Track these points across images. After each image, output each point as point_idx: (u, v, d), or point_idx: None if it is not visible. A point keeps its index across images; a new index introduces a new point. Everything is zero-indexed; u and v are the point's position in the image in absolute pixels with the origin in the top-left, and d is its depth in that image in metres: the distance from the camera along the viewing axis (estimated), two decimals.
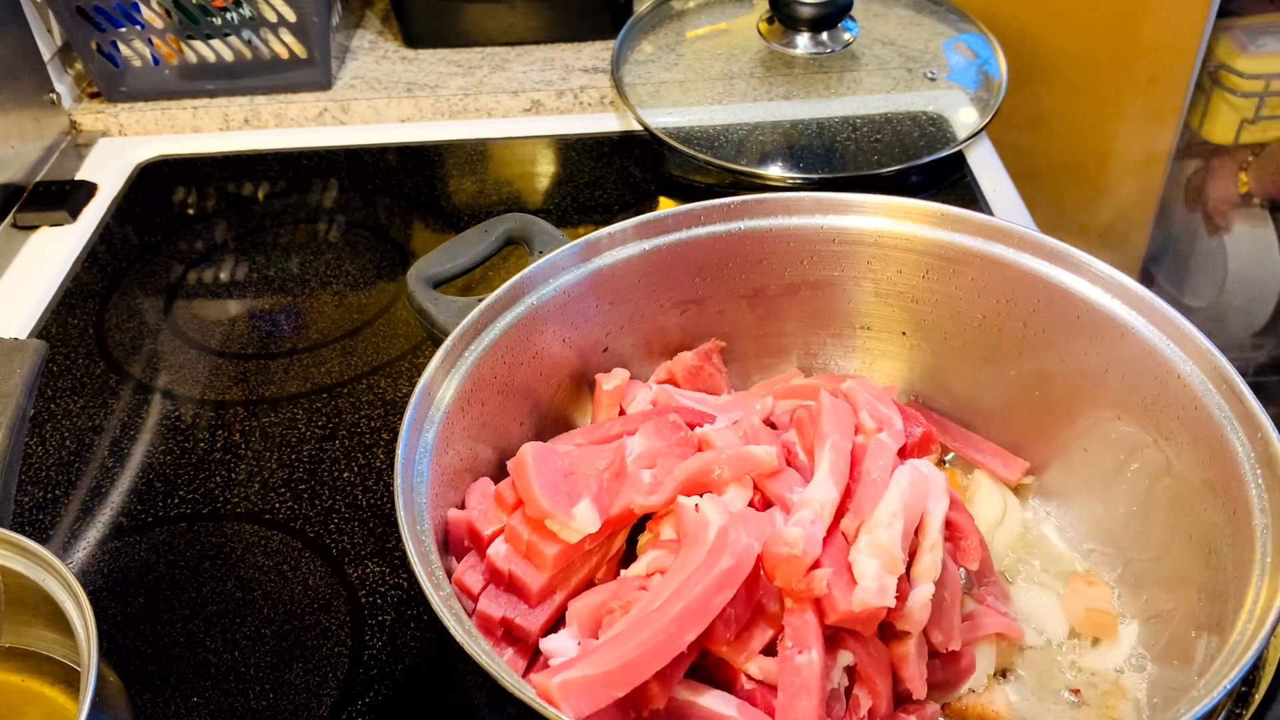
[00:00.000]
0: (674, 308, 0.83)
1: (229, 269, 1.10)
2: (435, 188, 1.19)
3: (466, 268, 0.85)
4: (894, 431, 0.68)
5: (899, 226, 0.80)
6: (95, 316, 1.04)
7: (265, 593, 0.80)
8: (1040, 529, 0.79)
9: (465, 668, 0.73)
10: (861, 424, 0.69)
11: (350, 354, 0.99)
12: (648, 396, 0.79)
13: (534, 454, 0.68)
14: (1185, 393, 0.69)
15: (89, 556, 0.83)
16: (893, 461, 0.66)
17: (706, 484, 0.68)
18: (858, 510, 0.64)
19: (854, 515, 0.64)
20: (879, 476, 0.65)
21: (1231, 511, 0.64)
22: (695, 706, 0.62)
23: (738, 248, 0.81)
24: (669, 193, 1.16)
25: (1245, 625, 0.58)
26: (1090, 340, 0.74)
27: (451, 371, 0.72)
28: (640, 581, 0.65)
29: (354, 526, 0.84)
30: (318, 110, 1.26)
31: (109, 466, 0.89)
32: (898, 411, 0.70)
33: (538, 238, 0.84)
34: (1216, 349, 0.68)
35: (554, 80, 1.27)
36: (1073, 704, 0.69)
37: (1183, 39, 1.44)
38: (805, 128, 1.18)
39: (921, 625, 0.64)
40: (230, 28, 1.23)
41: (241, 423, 0.93)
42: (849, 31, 1.26)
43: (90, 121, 1.26)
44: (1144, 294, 0.72)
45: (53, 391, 0.96)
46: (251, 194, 1.20)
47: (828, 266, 0.82)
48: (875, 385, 0.73)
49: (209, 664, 0.76)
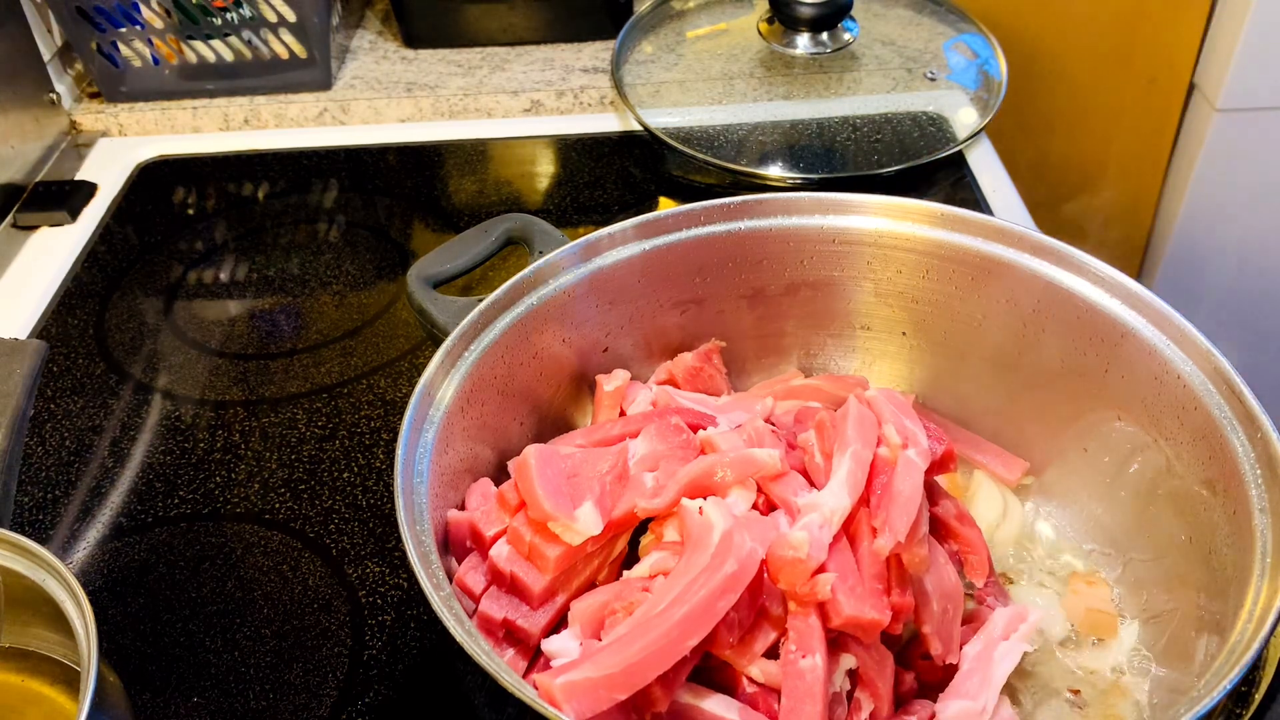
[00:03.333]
0: (674, 308, 0.83)
1: (229, 269, 1.10)
2: (435, 188, 1.19)
3: (466, 268, 0.85)
4: (921, 450, 0.67)
5: (899, 226, 0.80)
6: (95, 316, 1.04)
7: (265, 593, 0.80)
8: (1040, 529, 0.79)
9: (465, 668, 0.72)
10: (885, 436, 0.68)
11: (350, 354, 0.99)
12: (648, 397, 0.79)
13: (537, 456, 0.68)
14: (1185, 393, 0.69)
15: (89, 556, 0.83)
16: (921, 482, 0.65)
17: (710, 487, 0.67)
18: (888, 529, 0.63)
19: (886, 535, 0.63)
20: (911, 496, 0.64)
21: (1231, 511, 0.64)
22: (698, 710, 0.62)
23: (738, 248, 0.81)
24: (669, 193, 1.16)
25: (1245, 625, 0.58)
26: (1090, 340, 0.74)
27: (451, 371, 0.72)
28: (643, 583, 0.65)
29: (354, 526, 0.84)
30: (318, 110, 1.26)
31: (109, 466, 0.89)
32: (923, 428, 0.69)
33: (538, 238, 0.84)
34: (1216, 349, 0.68)
35: (554, 80, 1.27)
36: (1073, 704, 0.69)
37: (1182, 39, 1.44)
38: (805, 128, 1.18)
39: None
40: (230, 28, 1.23)
41: (241, 423, 0.93)
42: (849, 31, 1.26)
43: (90, 121, 1.26)
44: (1144, 294, 0.72)
45: (53, 391, 0.96)
46: (251, 194, 1.20)
47: (828, 266, 0.82)
48: (899, 396, 0.71)
49: (209, 664, 0.76)
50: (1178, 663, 0.67)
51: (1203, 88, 1.46)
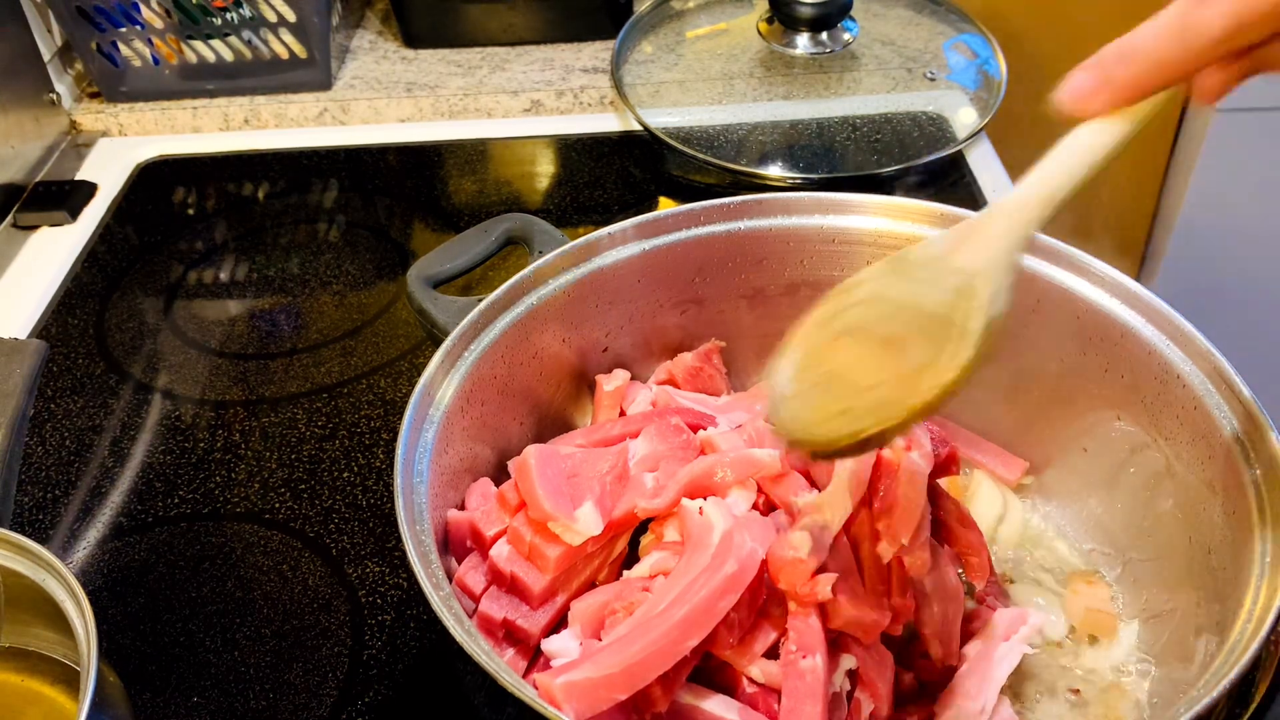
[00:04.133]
0: (674, 308, 0.83)
1: (229, 269, 1.10)
2: (435, 188, 1.19)
3: (466, 268, 0.85)
4: (924, 453, 0.67)
5: (899, 226, 0.80)
6: (95, 316, 1.04)
7: (265, 593, 0.80)
8: (1040, 529, 0.79)
9: (465, 668, 0.72)
10: None
11: (350, 354, 0.99)
12: (648, 398, 0.79)
13: (537, 456, 0.68)
14: (1185, 393, 0.68)
15: (89, 556, 0.83)
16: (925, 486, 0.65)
17: (710, 487, 0.67)
18: (892, 534, 0.63)
19: (889, 540, 0.63)
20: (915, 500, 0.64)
21: (1231, 511, 0.64)
22: (698, 710, 0.62)
23: (738, 248, 0.81)
24: (669, 193, 1.16)
25: (1245, 625, 0.58)
26: (1090, 340, 0.74)
27: (451, 371, 0.72)
28: (643, 583, 0.65)
29: (354, 526, 0.84)
30: (318, 110, 1.26)
31: (109, 466, 0.89)
32: (926, 431, 0.69)
33: (538, 238, 0.84)
34: (1216, 349, 0.68)
35: (554, 80, 1.27)
36: (1073, 704, 0.69)
37: None
38: (805, 128, 1.18)
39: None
40: (230, 28, 1.23)
41: (241, 423, 0.93)
42: (849, 31, 1.26)
43: (90, 121, 1.26)
44: (1144, 294, 0.72)
45: (53, 391, 0.96)
46: (251, 194, 1.20)
47: (828, 266, 0.82)
48: None
49: (209, 664, 0.76)
50: (1178, 663, 0.67)
51: None
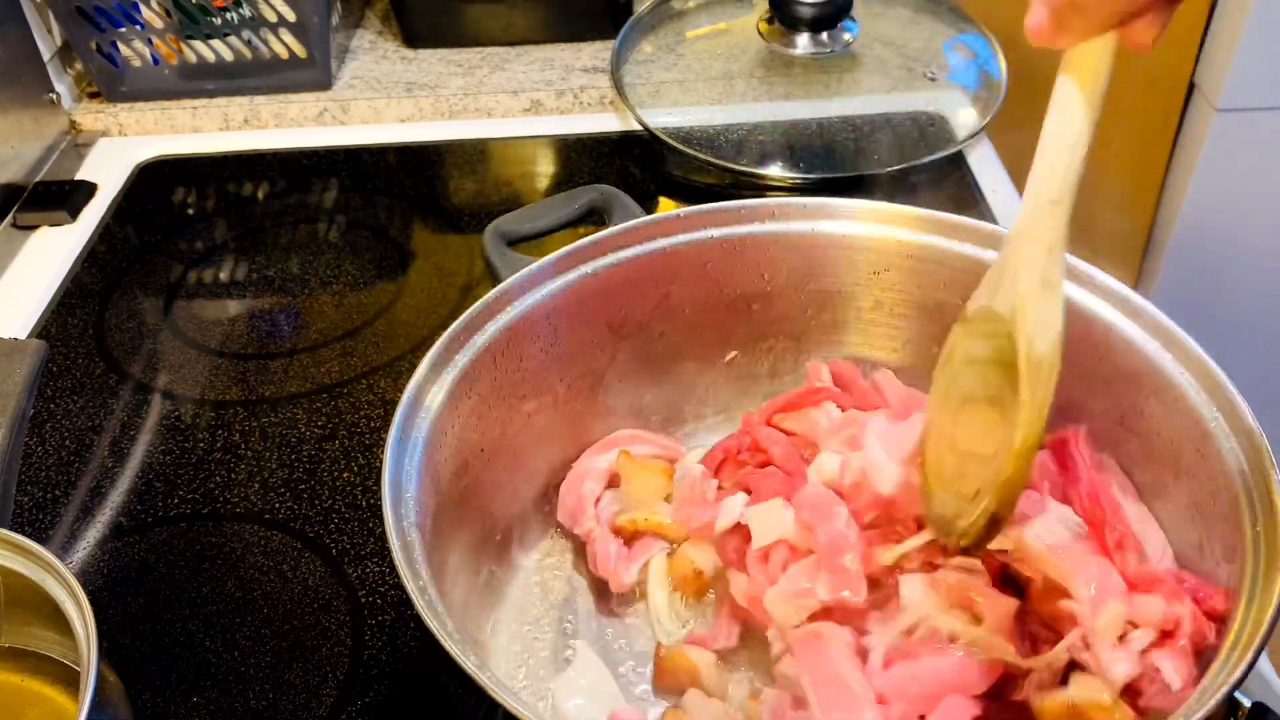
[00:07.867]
0: (668, 315, 0.83)
1: (229, 269, 1.10)
2: (435, 188, 1.19)
3: (545, 230, 0.88)
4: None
5: (894, 232, 0.80)
6: (95, 316, 1.04)
7: (265, 593, 0.80)
8: None
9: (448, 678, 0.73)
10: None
11: (350, 354, 0.99)
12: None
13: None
14: (1183, 404, 0.69)
15: (89, 556, 0.83)
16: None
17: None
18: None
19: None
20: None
21: (1231, 513, 0.64)
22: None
23: (731, 253, 0.81)
24: (669, 193, 1.16)
25: (1244, 625, 0.58)
26: (1090, 350, 0.74)
27: (443, 374, 0.71)
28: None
29: (354, 526, 0.84)
30: (318, 110, 1.26)
31: (109, 466, 0.90)
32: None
33: (617, 211, 0.87)
34: (1210, 357, 0.68)
35: (554, 80, 1.27)
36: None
37: (1182, 39, 1.44)
38: (805, 128, 1.18)
39: None
40: (230, 28, 1.23)
41: (241, 423, 0.93)
42: (849, 31, 1.26)
43: (90, 121, 1.26)
44: (1143, 304, 0.72)
45: (53, 391, 0.96)
46: (251, 194, 1.20)
47: (824, 272, 0.82)
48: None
49: (209, 664, 0.76)
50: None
51: (1203, 88, 1.46)
